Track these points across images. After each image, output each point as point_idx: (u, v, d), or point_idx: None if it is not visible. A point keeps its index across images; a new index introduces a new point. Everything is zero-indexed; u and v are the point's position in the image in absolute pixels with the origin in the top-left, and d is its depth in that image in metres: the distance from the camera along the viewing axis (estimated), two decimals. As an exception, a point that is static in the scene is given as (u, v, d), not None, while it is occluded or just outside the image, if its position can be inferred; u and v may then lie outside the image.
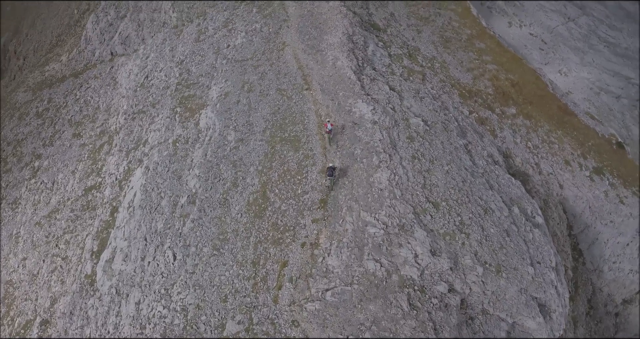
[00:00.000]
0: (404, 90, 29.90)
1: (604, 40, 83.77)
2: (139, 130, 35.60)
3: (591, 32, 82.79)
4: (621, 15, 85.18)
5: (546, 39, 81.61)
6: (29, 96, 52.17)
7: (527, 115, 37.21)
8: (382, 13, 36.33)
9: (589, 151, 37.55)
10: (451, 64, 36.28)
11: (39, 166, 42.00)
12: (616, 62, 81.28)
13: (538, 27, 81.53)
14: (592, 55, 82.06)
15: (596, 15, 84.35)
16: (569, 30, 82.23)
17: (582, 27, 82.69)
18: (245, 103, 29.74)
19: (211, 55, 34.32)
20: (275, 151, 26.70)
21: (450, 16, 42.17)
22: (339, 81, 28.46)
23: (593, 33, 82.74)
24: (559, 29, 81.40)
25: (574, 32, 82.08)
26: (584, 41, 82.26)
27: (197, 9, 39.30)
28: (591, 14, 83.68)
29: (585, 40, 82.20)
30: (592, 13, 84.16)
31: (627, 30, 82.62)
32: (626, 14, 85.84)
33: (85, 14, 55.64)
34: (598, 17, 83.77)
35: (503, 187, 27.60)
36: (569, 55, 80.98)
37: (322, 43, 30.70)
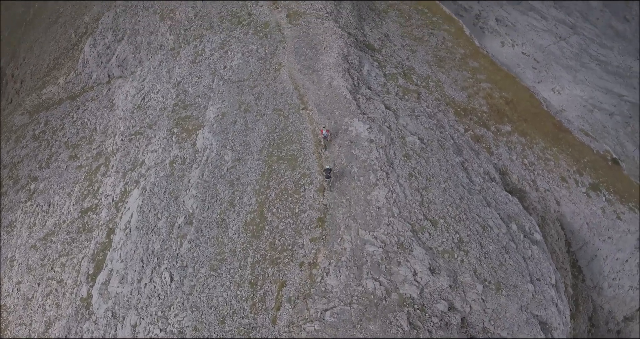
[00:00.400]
0: (399, 109, 30.22)
1: (595, 58, 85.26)
2: (136, 151, 35.67)
3: (582, 50, 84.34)
4: (611, 34, 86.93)
5: (538, 57, 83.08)
6: (25, 119, 52.32)
7: (522, 132, 37.57)
8: (377, 34, 36.97)
9: (585, 168, 37.81)
10: (446, 82, 36.77)
11: (35, 188, 41.87)
12: (608, 79, 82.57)
13: (530, 47, 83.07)
14: (584, 73, 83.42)
15: (587, 34, 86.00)
16: (560, 49, 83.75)
17: (573, 46, 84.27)
18: (242, 123, 29.94)
19: (208, 77, 34.69)
20: (272, 170, 26.77)
21: (443, 36, 42.92)
22: (335, 101, 28.76)
23: (584, 52, 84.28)
24: (551, 48, 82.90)
25: (566, 51, 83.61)
26: (575, 60, 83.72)
27: (193, 32, 39.90)
28: (582, 33, 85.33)
29: (577, 59, 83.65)
30: (582, 32, 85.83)
31: (617, 48, 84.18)
32: (616, 33, 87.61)
33: (83, 37, 56.25)
34: (588, 36, 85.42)
35: (500, 204, 27.67)
36: (561, 74, 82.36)
37: (318, 63, 31.13)
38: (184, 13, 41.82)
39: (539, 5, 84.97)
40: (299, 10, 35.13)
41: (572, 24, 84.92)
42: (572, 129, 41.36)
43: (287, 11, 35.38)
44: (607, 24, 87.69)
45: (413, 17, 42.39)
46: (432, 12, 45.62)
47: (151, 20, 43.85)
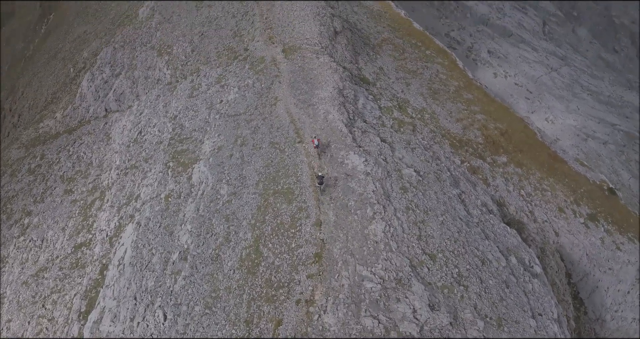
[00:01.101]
0: (395, 141, 30.32)
1: (586, 88, 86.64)
2: (131, 185, 35.47)
3: (574, 81, 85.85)
4: (601, 65, 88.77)
5: (531, 88, 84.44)
6: (22, 153, 52.25)
7: (518, 163, 37.66)
8: (371, 67, 37.52)
9: (582, 198, 37.74)
10: (440, 114, 37.09)
11: (29, 223, 41.40)
12: (600, 109, 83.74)
13: (523, 78, 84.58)
14: (576, 103, 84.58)
15: (577, 65, 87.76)
16: (552, 79, 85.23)
17: (564, 76, 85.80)
18: (238, 157, 29.91)
19: (204, 111, 34.90)
20: (268, 204, 26.55)
21: (437, 69, 43.58)
22: (331, 134, 28.86)
23: (576, 82, 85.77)
24: (543, 79, 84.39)
25: (558, 82, 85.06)
26: (567, 90, 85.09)
27: (190, 66, 40.40)
28: (572, 64, 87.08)
29: (569, 89, 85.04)
30: (573, 63, 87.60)
31: (608, 79, 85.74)
32: (606, 64, 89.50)
33: (81, 72, 56.88)
34: (579, 67, 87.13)
35: (499, 237, 27.40)
36: (554, 104, 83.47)
37: (314, 97, 31.41)
38: (181, 48, 42.47)
39: (529, 38, 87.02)
40: (294, 45, 35.74)
41: (562, 56, 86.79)
42: (568, 159, 41.50)
43: (283, 46, 35.98)
44: (597, 55, 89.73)
45: (407, 50, 43.15)
46: (425, 46, 46.48)
47: (149, 56, 44.46)
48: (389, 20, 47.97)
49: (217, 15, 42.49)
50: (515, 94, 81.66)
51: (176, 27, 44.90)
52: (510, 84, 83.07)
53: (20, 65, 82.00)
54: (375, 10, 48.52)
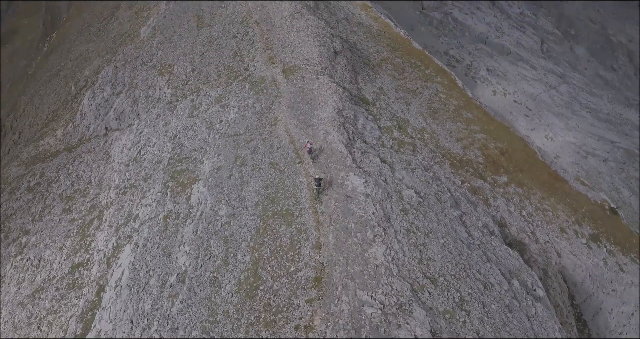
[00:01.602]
0: (395, 162, 30.15)
1: (585, 106, 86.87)
2: (130, 205, 35.20)
3: (573, 99, 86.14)
4: (600, 83, 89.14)
5: (530, 106, 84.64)
6: (21, 171, 52.10)
7: (518, 183, 37.45)
8: (371, 87, 37.57)
9: (584, 218, 37.44)
10: (440, 134, 37.01)
11: (27, 242, 41.03)
12: (599, 126, 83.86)
13: (522, 95, 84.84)
14: (575, 121, 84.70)
15: (576, 83, 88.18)
16: (551, 97, 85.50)
17: (563, 94, 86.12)
18: (237, 177, 29.71)
19: (204, 130, 34.83)
20: (267, 225, 26.25)
21: (437, 88, 43.67)
22: (331, 154, 28.70)
23: (574, 100, 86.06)
24: (542, 97, 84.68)
25: (557, 99, 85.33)
26: (566, 107, 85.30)
27: (191, 86, 40.49)
28: (571, 82, 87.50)
29: (568, 107, 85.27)
30: (571, 81, 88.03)
31: (606, 96, 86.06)
32: (604, 82, 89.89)
33: (82, 90, 57.07)
34: (578, 85, 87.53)
35: (501, 259, 27.03)
36: (553, 121, 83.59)
37: (314, 118, 31.35)
38: (182, 68, 42.63)
39: (528, 56, 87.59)
40: (294, 65, 35.85)
41: (561, 73, 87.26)
42: (568, 179, 41.32)
43: (283, 67, 36.08)
44: (595, 73, 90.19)
45: (406, 70, 43.30)
46: (425, 65, 46.67)
47: (149, 75, 44.62)
48: (388, 40, 48.26)
49: (217, 35, 42.76)
50: (515, 112, 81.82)
51: (177, 46, 45.16)
52: (509, 102, 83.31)
53: (23, 83, 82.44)
54: (375, 30, 48.85)
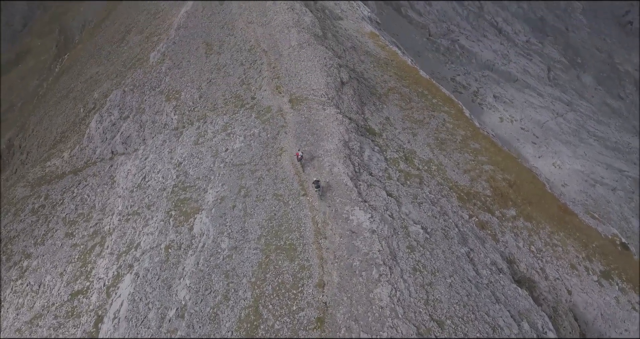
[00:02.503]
0: (401, 195, 29.50)
1: (593, 134, 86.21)
2: (132, 232, 34.66)
3: (580, 126, 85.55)
4: (607, 112, 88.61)
5: (538, 133, 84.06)
6: (27, 192, 51.89)
7: (527, 216, 36.55)
8: (378, 118, 37.19)
9: (594, 253, 36.34)
10: (448, 166, 36.38)
11: (28, 266, 40.48)
12: (607, 155, 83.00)
13: (529, 122, 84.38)
14: (583, 149, 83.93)
15: (583, 111, 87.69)
16: (558, 125, 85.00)
17: (570, 122, 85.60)
18: (241, 208, 29.15)
19: (209, 159, 34.45)
20: (270, 260, 25.54)
21: (444, 118, 43.23)
22: (336, 187, 28.12)
23: (582, 128, 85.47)
24: (549, 124, 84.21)
25: (564, 127, 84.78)
26: (574, 135, 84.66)
27: (197, 113, 40.33)
28: (578, 110, 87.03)
29: (576, 135, 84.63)
30: (579, 109, 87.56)
31: (614, 125, 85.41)
32: (612, 110, 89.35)
33: (91, 112, 57.26)
34: (585, 113, 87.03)
35: (510, 299, 26.07)
36: (561, 149, 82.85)
37: (319, 149, 30.90)
38: (189, 94, 42.57)
39: (534, 83, 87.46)
40: (301, 95, 35.61)
41: (568, 101, 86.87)
42: (578, 212, 40.37)
43: (290, 96, 35.85)
44: (602, 102, 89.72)
45: (413, 99, 42.97)
46: (432, 94, 46.35)
47: (157, 100, 44.60)
48: (395, 69, 48.14)
49: (225, 63, 42.79)
50: (522, 139, 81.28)
51: (185, 73, 45.23)
52: (516, 129, 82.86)
53: (33, 103, 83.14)
54: (382, 59, 48.80)
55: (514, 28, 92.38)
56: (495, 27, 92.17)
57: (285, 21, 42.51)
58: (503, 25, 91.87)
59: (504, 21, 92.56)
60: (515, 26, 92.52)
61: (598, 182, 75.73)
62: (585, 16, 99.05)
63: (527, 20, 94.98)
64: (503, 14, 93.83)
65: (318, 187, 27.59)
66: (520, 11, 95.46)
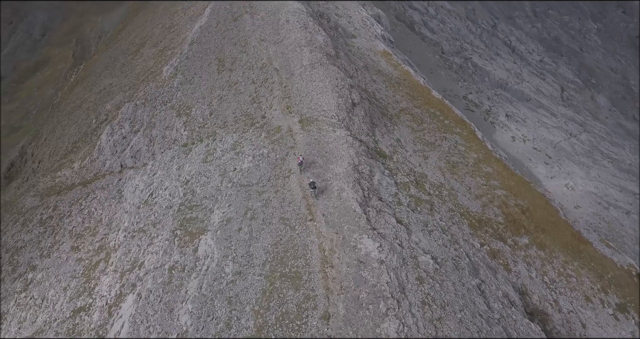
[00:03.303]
0: (411, 223, 28.54)
1: (607, 156, 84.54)
2: (137, 250, 34.03)
3: (594, 148, 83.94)
4: (621, 133, 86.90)
5: (550, 153, 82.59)
6: (36, 202, 51.76)
7: (540, 245, 35.30)
8: (389, 140, 36.37)
9: (610, 285, 34.93)
10: (459, 191, 35.38)
11: (32, 278, 40.10)
12: (622, 177, 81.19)
13: (541, 142, 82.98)
14: (597, 170, 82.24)
15: (597, 132, 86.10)
16: (572, 145, 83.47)
17: (584, 143, 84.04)
18: (246, 231, 28.37)
19: (217, 178, 33.83)
20: (274, 288, 24.66)
21: (456, 140, 42.30)
22: (344, 213, 27.25)
23: (596, 149, 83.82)
24: (562, 144, 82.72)
25: (577, 148, 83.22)
26: (587, 156, 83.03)
27: (207, 129, 39.85)
28: (592, 131, 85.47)
29: (589, 156, 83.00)
30: (592, 130, 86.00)
31: (629, 147, 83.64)
32: (626, 132, 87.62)
33: (103, 124, 57.21)
34: (599, 134, 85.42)
35: (522, 335, 24.89)
36: (574, 170, 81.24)
37: (328, 172, 30.10)
38: (199, 110, 42.15)
39: (547, 103, 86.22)
40: (311, 116, 34.94)
41: (581, 122, 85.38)
42: (593, 240, 39.03)
43: (300, 117, 35.19)
44: (617, 123, 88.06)
45: (425, 121, 42.13)
46: (444, 115, 45.50)
47: (168, 115, 44.26)
48: (407, 88, 47.43)
49: (237, 80, 42.36)
50: (534, 159, 79.93)
51: (197, 88, 44.89)
52: (529, 149, 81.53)
53: (48, 112, 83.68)
54: (395, 78, 48.13)
55: (527, 47, 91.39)
56: (509, 46, 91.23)
57: (298, 40, 42.06)
58: (517, 44, 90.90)
59: (517, 40, 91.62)
60: (529, 45, 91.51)
61: (612, 205, 73.99)
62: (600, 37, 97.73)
63: (541, 39, 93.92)
64: (517, 33, 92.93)
65: (314, 187, 28.47)
66: (535, 30, 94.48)
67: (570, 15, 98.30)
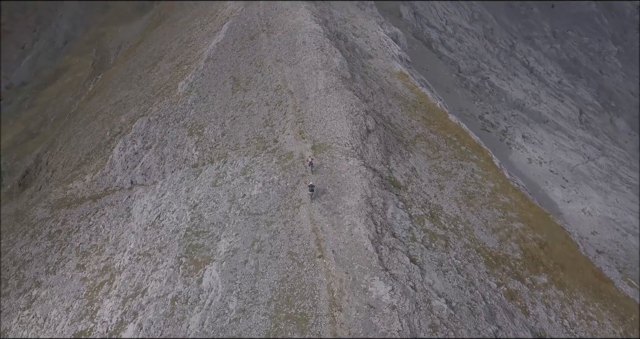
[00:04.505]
0: (425, 261, 26.83)
1: (625, 181, 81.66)
2: (141, 275, 32.79)
3: (612, 172, 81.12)
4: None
5: (567, 176, 79.96)
6: (47, 213, 51.11)
7: (560, 284, 33.22)
8: (403, 169, 34.76)
9: (632, 329, 32.63)
10: (475, 224, 33.57)
11: (37, 295, 39.19)
12: (641, 204, 78.22)
13: (558, 165, 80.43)
14: (615, 196, 79.40)
15: (616, 156, 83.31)
16: (589, 169, 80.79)
17: (602, 167, 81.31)
18: (253, 265, 26.91)
19: (225, 203, 32.51)
20: (278, 330, 23.11)
21: (472, 168, 40.50)
22: (355, 251, 25.66)
23: (614, 174, 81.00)
24: (580, 168, 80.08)
25: (595, 172, 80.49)
26: (605, 181, 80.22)
27: (219, 150, 38.65)
28: (610, 155, 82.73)
29: (607, 180, 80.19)
30: (611, 154, 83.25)
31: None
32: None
33: (117, 136, 56.55)
34: (618, 158, 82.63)
35: (541, 391, 22.98)
36: (591, 194, 78.53)
37: (340, 205, 28.56)
38: (212, 130, 41.02)
39: (565, 125, 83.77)
40: (324, 143, 33.49)
41: (600, 145, 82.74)
42: (614, 278, 36.86)
43: (313, 143, 33.76)
44: (637, 148, 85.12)
45: (441, 147, 40.44)
46: (460, 141, 43.77)
47: (180, 133, 43.22)
48: (424, 112, 45.83)
49: (251, 101, 41.18)
50: (551, 182, 77.44)
51: (210, 107, 43.84)
52: (545, 171, 79.10)
53: (65, 120, 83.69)
54: (411, 101, 46.59)
55: (546, 68, 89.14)
56: (527, 67, 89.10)
57: (314, 62, 40.78)
58: (535, 65, 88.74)
59: (535, 61, 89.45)
60: (547, 66, 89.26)
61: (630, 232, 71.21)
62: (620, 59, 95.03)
63: (559, 61, 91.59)
64: (535, 53, 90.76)
65: (312, 191, 29.14)
66: (553, 51, 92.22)
67: (590, 37, 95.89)
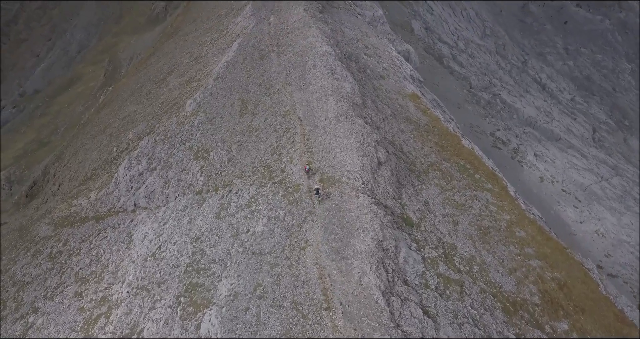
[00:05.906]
0: (439, 314, 24.37)
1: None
2: (138, 312, 30.66)
3: (626, 193, 77.86)
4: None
5: (580, 196, 76.84)
6: (50, 231, 49.46)
7: (581, 330, 30.53)
8: (416, 203, 32.31)
9: (657, 379, 30.00)
10: (491, 265, 31.03)
11: (33, 322, 37.41)
12: (656, 227, 74.86)
13: (571, 184, 77.34)
14: (629, 218, 76.16)
15: (630, 176, 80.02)
16: (603, 189, 77.63)
17: (616, 187, 78.11)
18: (254, 313, 24.62)
19: (228, 239, 30.30)
20: (280, 393, 20.83)
21: (487, 199, 37.94)
22: (365, 304, 23.26)
23: (628, 194, 77.73)
24: (593, 188, 76.93)
25: (609, 192, 77.32)
26: (619, 202, 76.98)
27: (224, 178, 36.46)
28: (624, 175, 79.46)
29: (621, 201, 76.94)
30: (625, 174, 79.99)
31: (664, 196, 77.40)
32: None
33: (123, 153, 54.82)
34: (632, 178, 79.34)
35: None
36: (605, 215, 75.43)
37: (349, 248, 26.17)
38: (218, 155, 38.86)
39: (578, 144, 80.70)
40: (333, 176, 31.12)
41: (614, 165, 79.51)
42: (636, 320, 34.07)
43: (321, 176, 31.40)
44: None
45: (455, 177, 37.93)
46: (474, 168, 41.22)
47: (185, 156, 41.16)
48: (436, 137, 43.37)
49: (258, 126, 38.95)
50: (563, 202, 74.42)
51: (217, 130, 41.73)
52: (557, 190, 76.09)
53: (74, 130, 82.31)
54: (423, 125, 44.15)
55: (558, 85, 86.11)
56: (539, 83, 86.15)
57: (324, 88, 38.45)
58: (547, 82, 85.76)
59: (548, 77, 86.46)
60: (560, 84, 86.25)
61: (644, 256, 67.99)
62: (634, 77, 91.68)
63: (572, 78, 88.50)
64: (547, 70, 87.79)
65: (318, 193, 29.36)
66: (566, 68, 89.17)
67: (604, 54, 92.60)
